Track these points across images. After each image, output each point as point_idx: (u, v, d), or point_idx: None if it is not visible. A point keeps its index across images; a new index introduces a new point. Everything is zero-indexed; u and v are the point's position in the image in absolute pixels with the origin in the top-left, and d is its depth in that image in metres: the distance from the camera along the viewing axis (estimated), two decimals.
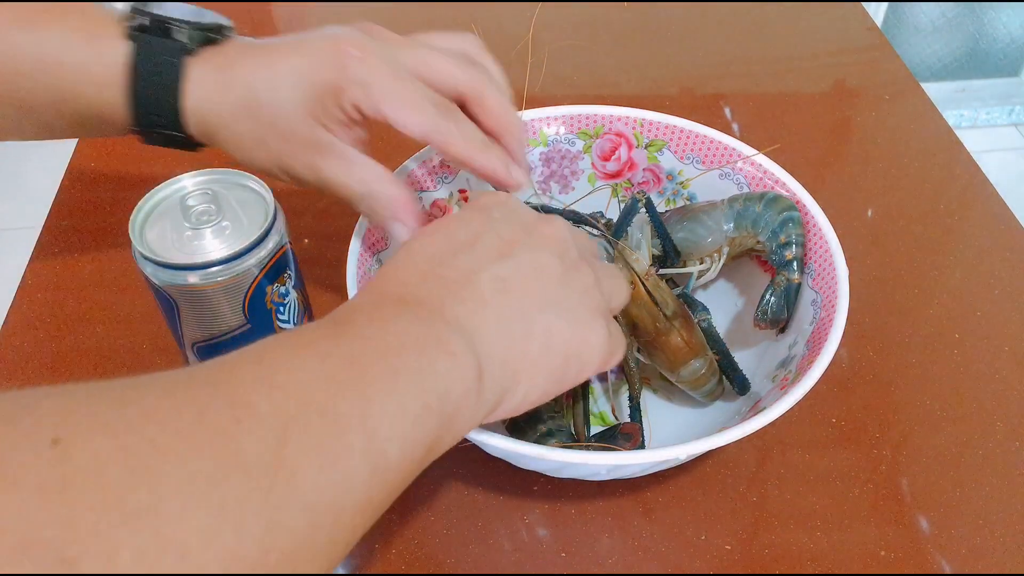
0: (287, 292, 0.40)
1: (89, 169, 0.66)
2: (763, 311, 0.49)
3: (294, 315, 0.40)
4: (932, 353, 0.55)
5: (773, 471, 0.49)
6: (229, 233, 0.37)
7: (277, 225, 0.38)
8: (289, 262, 0.40)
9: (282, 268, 0.39)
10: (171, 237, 0.37)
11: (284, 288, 0.39)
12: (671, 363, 0.48)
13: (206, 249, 0.37)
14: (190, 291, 0.37)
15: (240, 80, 0.39)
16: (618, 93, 0.76)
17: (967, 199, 0.66)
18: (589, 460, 0.40)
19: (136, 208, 0.38)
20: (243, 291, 0.37)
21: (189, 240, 0.37)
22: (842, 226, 0.49)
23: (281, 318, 0.40)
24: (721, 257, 0.52)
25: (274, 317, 0.39)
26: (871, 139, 0.71)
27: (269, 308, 0.39)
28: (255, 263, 0.37)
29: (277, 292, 0.39)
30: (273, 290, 0.39)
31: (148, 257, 0.36)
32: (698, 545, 0.46)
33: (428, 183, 0.53)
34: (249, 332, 0.39)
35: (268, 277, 0.38)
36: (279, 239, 0.38)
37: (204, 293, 0.37)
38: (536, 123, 0.55)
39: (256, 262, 0.37)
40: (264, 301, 0.38)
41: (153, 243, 0.37)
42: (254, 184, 0.39)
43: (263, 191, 0.39)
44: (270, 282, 0.38)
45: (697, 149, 0.54)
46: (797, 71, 0.79)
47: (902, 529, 0.46)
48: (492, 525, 0.46)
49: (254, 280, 0.38)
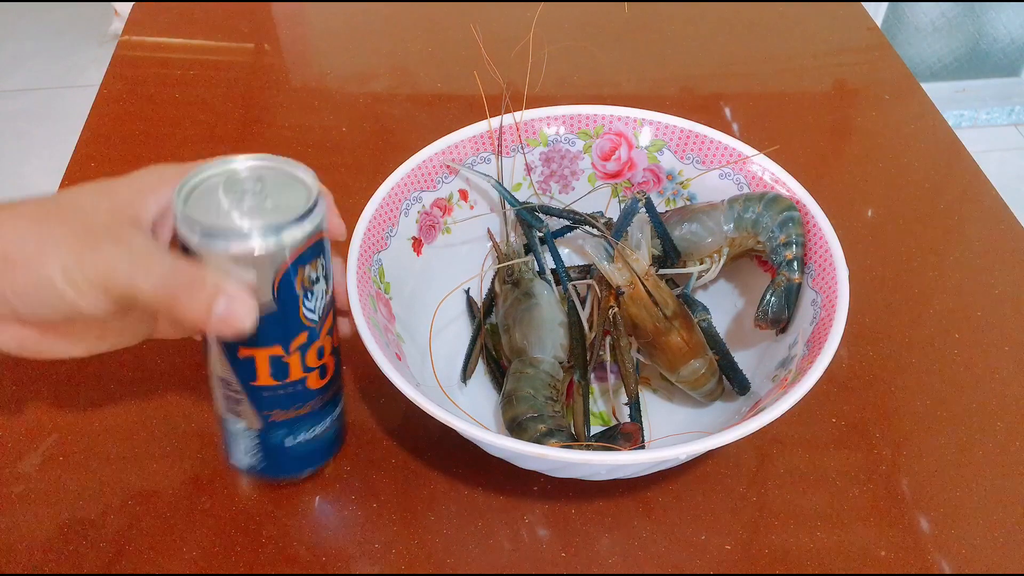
0: (318, 279, 0.40)
1: (89, 170, 0.66)
2: (763, 311, 0.49)
3: (320, 306, 0.40)
4: (932, 353, 0.55)
5: (773, 471, 0.49)
6: (271, 209, 0.37)
7: (318, 209, 0.38)
8: (324, 250, 0.40)
9: (317, 253, 0.39)
10: (214, 208, 0.37)
11: (316, 274, 0.39)
12: (671, 363, 0.48)
13: (246, 220, 0.37)
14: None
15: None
16: (618, 93, 0.76)
17: (967, 199, 0.66)
18: (590, 460, 0.40)
19: (184, 180, 0.38)
20: (275, 267, 0.37)
21: (230, 212, 0.37)
22: (842, 226, 0.49)
23: (308, 305, 0.39)
24: (721, 258, 0.52)
25: (301, 303, 0.39)
26: (871, 139, 0.71)
27: (297, 292, 0.39)
28: (291, 241, 0.37)
29: (308, 277, 0.39)
30: (304, 273, 0.39)
31: (190, 219, 0.36)
32: (698, 545, 0.46)
33: (428, 183, 0.53)
34: (274, 315, 0.38)
35: (302, 259, 0.38)
36: (318, 223, 0.38)
37: (238, 262, 0.37)
38: (536, 123, 0.55)
39: (292, 241, 0.37)
40: (294, 283, 0.38)
41: (195, 211, 0.37)
42: (302, 172, 0.39)
43: (309, 179, 0.39)
44: (303, 263, 0.38)
45: (697, 149, 0.54)
46: (797, 71, 0.79)
47: (902, 529, 0.46)
48: (492, 525, 0.46)
49: (288, 258, 0.38)
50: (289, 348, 0.40)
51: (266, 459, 0.44)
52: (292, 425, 0.43)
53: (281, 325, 0.39)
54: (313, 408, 0.43)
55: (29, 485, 0.47)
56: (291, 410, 0.42)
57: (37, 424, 0.50)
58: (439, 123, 0.71)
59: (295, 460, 0.45)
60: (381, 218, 0.50)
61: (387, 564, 0.45)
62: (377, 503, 0.47)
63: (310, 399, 0.43)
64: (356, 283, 0.45)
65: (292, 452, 0.44)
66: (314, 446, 0.45)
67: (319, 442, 0.45)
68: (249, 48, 0.80)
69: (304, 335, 0.40)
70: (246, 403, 0.42)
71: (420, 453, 0.49)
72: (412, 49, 0.80)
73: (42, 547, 0.45)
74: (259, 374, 0.40)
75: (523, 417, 0.45)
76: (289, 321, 0.39)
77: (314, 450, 0.45)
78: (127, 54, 0.79)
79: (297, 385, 0.41)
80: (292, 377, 0.41)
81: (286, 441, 0.43)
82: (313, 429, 0.44)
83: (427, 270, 0.53)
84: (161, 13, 0.84)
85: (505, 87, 0.55)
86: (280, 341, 0.40)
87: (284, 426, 0.43)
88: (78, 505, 0.46)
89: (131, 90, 0.75)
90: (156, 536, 0.45)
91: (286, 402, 0.42)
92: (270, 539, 0.45)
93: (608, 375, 0.52)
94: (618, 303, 0.48)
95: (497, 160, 0.54)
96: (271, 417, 0.42)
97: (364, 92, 0.74)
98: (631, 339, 0.49)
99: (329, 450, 0.46)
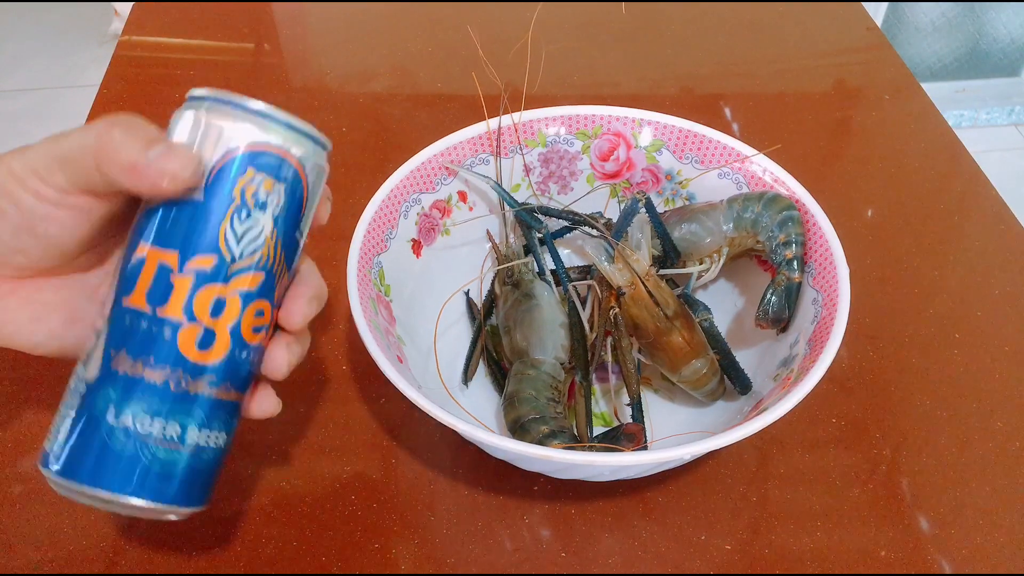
0: (263, 207, 0.34)
1: None
2: (764, 310, 0.49)
3: (249, 249, 0.34)
4: (932, 353, 0.55)
5: (773, 471, 0.49)
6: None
7: (291, 133, 0.34)
8: (290, 190, 0.34)
9: (275, 174, 0.34)
10: None
11: (263, 199, 0.34)
12: (672, 363, 0.48)
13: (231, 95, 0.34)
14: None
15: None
16: (618, 93, 0.76)
17: (967, 199, 0.66)
18: (594, 461, 0.40)
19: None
20: (225, 148, 0.33)
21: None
22: (842, 226, 0.49)
23: (235, 228, 0.33)
24: (721, 258, 0.52)
25: (228, 218, 0.33)
26: (871, 139, 0.71)
27: (233, 197, 0.33)
28: (251, 133, 0.33)
29: (254, 193, 0.33)
30: (252, 183, 0.33)
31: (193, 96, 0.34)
32: (698, 545, 0.46)
33: (427, 184, 0.53)
34: (192, 208, 0.33)
35: (257, 160, 0.33)
36: (286, 139, 0.34)
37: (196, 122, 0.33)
38: (535, 123, 0.55)
39: (252, 132, 0.33)
40: (234, 181, 0.33)
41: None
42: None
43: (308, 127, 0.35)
44: (256, 166, 0.33)
45: (696, 149, 0.54)
46: (797, 71, 0.79)
47: (902, 529, 0.46)
48: (492, 525, 0.46)
49: (240, 147, 0.33)
50: (185, 264, 0.33)
51: (75, 441, 0.33)
52: (129, 390, 0.33)
53: (191, 226, 0.33)
54: (173, 387, 0.33)
55: (29, 485, 0.47)
56: (138, 362, 0.33)
57: (37, 424, 0.50)
58: (439, 123, 0.71)
59: (105, 456, 0.33)
60: (380, 220, 0.50)
61: (387, 564, 0.45)
62: (377, 503, 0.47)
63: (170, 362, 0.33)
64: (357, 285, 0.45)
65: (108, 439, 0.33)
66: (143, 454, 0.33)
67: (155, 454, 0.33)
68: (249, 48, 0.80)
69: (209, 260, 0.33)
70: (103, 332, 0.34)
71: (420, 453, 0.49)
72: (412, 49, 0.80)
73: (42, 547, 0.45)
74: (138, 285, 0.33)
75: (525, 419, 0.45)
76: (201, 228, 0.33)
77: (138, 461, 0.33)
78: (127, 54, 0.79)
79: (165, 326, 0.33)
80: (168, 310, 0.33)
81: (108, 414, 0.33)
82: (156, 422, 0.33)
83: (427, 272, 0.53)
84: (161, 13, 0.84)
85: (504, 88, 0.55)
86: (179, 247, 0.33)
87: (119, 385, 0.33)
88: (78, 505, 0.46)
89: (131, 90, 0.75)
90: (156, 536, 0.45)
91: (140, 343, 0.33)
92: (270, 539, 0.45)
93: (609, 376, 0.52)
94: (619, 303, 0.48)
95: (496, 161, 0.54)
96: (114, 361, 0.33)
97: (364, 92, 0.74)
98: (632, 339, 0.49)
99: (163, 484, 0.33)
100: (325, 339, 0.55)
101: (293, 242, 0.36)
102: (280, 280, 0.36)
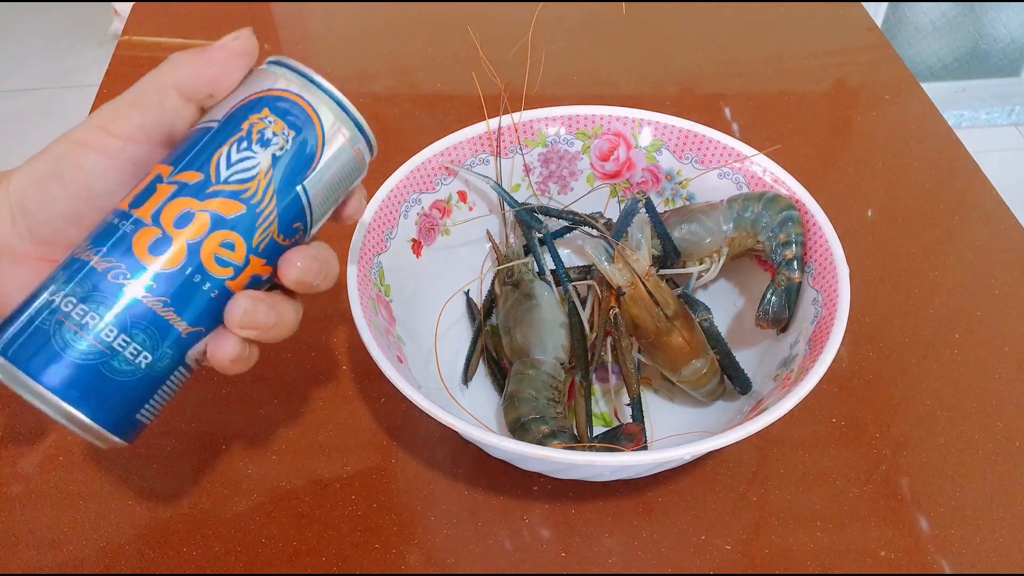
0: (267, 144, 0.35)
1: None
2: (764, 310, 0.49)
3: (245, 177, 0.34)
4: (932, 353, 0.55)
5: (773, 471, 0.49)
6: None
7: (312, 90, 0.36)
8: (302, 138, 0.35)
9: (288, 118, 0.35)
10: None
11: (271, 138, 0.35)
12: (672, 363, 0.48)
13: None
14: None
15: None
16: (618, 93, 0.76)
17: (967, 199, 0.66)
18: (594, 461, 0.40)
19: None
20: (253, 89, 0.35)
21: None
22: (842, 226, 0.49)
23: (234, 160, 0.34)
24: (721, 258, 0.52)
25: (229, 146, 0.34)
26: (871, 139, 0.71)
27: (241, 129, 0.35)
28: (278, 79, 0.35)
29: (262, 129, 0.35)
30: (262, 120, 0.35)
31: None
32: (698, 545, 0.46)
33: (427, 184, 0.53)
34: (205, 135, 0.35)
35: (275, 104, 0.35)
36: (304, 93, 0.35)
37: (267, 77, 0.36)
38: (535, 123, 0.55)
39: (280, 79, 0.35)
40: (247, 116, 0.35)
41: None
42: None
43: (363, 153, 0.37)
44: (273, 108, 0.35)
45: (696, 149, 0.54)
46: (797, 71, 0.79)
47: (902, 529, 0.46)
48: (492, 525, 0.46)
49: (264, 88, 0.35)
50: (174, 175, 0.34)
51: (13, 316, 0.34)
52: (74, 272, 0.33)
53: (195, 146, 0.35)
54: (111, 277, 0.33)
55: (29, 485, 0.47)
56: (93, 250, 0.33)
57: (37, 424, 0.50)
58: (439, 123, 0.71)
59: (27, 332, 0.33)
60: (380, 220, 0.50)
61: (387, 564, 0.45)
62: (377, 503, 0.47)
63: (117, 254, 0.33)
64: (357, 285, 0.45)
65: (34, 315, 0.33)
66: (56, 334, 0.33)
67: (65, 338, 0.33)
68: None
69: (195, 176, 0.34)
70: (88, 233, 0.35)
71: (420, 453, 0.49)
72: (412, 49, 0.80)
73: (42, 547, 0.45)
74: (132, 191, 0.35)
75: (526, 419, 0.45)
76: (201, 148, 0.35)
77: (48, 340, 0.33)
78: (127, 54, 0.79)
79: (129, 222, 0.34)
80: (141, 211, 0.34)
81: (46, 292, 0.33)
82: (79, 306, 0.33)
83: (427, 272, 0.53)
84: (161, 13, 0.84)
85: (503, 88, 0.55)
86: (176, 161, 0.35)
87: (70, 268, 0.34)
88: (78, 505, 0.46)
89: None
90: (156, 536, 0.45)
91: (103, 234, 0.34)
92: (270, 539, 0.45)
93: (609, 376, 0.52)
94: (619, 303, 0.48)
95: (496, 161, 0.54)
96: (77, 250, 0.34)
97: (364, 92, 0.74)
98: (632, 339, 0.49)
99: (67, 376, 0.33)
100: (325, 339, 0.55)
101: (294, 196, 0.35)
102: (266, 225, 0.35)
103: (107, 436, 0.34)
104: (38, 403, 0.33)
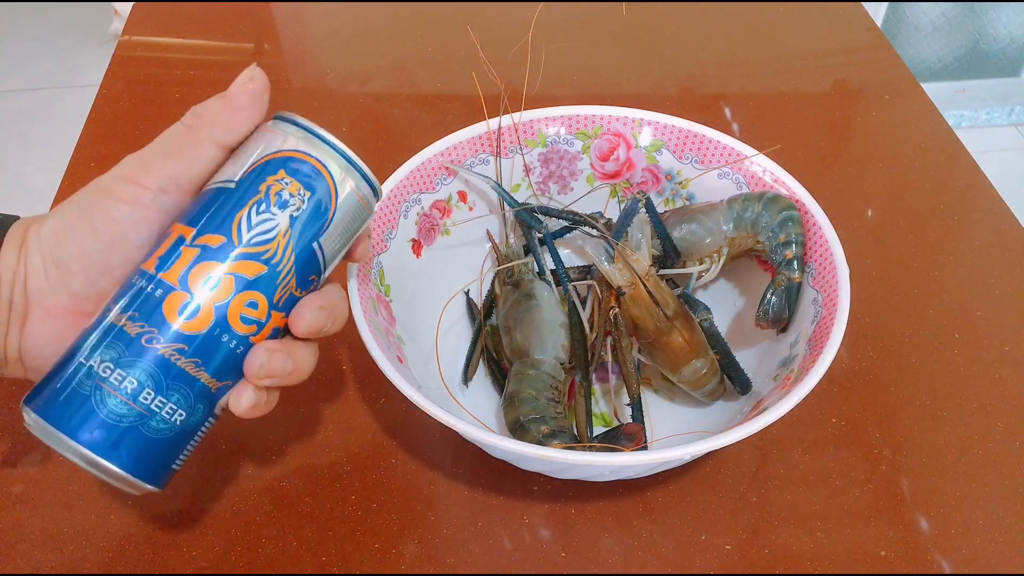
0: (285, 205, 0.35)
1: (89, 170, 0.66)
2: (764, 310, 0.49)
3: (264, 237, 0.35)
4: (932, 353, 0.55)
5: (773, 471, 0.49)
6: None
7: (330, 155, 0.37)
8: (317, 200, 0.36)
9: (304, 180, 0.36)
10: None
11: (287, 199, 0.35)
12: (672, 363, 0.48)
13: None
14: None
15: None
16: (618, 93, 0.76)
17: (967, 199, 0.66)
18: (594, 461, 0.40)
19: None
20: (270, 149, 0.36)
21: None
22: (842, 226, 0.49)
23: (254, 221, 0.35)
24: (721, 258, 0.52)
25: (249, 208, 0.35)
26: (871, 139, 0.71)
27: (258, 191, 0.35)
28: (290, 140, 0.36)
29: (279, 191, 0.36)
30: (279, 182, 0.36)
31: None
32: (698, 545, 0.46)
33: (427, 184, 0.53)
34: (223, 194, 0.36)
35: (289, 165, 0.36)
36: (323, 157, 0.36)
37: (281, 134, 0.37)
38: (535, 124, 0.55)
39: (291, 139, 0.36)
40: (264, 178, 0.35)
41: None
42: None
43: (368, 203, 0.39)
44: (288, 170, 0.36)
45: (696, 149, 0.54)
46: (797, 71, 0.79)
47: (902, 529, 0.46)
48: (492, 525, 0.46)
49: (282, 148, 0.36)
50: (197, 238, 0.35)
51: (50, 378, 0.35)
52: (106, 335, 0.35)
53: (214, 208, 0.36)
54: (144, 342, 0.34)
55: (29, 485, 0.47)
56: (124, 314, 0.34)
57: None
58: (439, 123, 0.71)
59: (65, 394, 0.35)
60: (380, 220, 0.50)
61: (387, 564, 0.45)
62: (377, 503, 0.47)
63: (149, 319, 0.34)
64: (357, 285, 0.45)
65: (73, 378, 0.35)
66: (95, 397, 0.34)
67: (105, 401, 0.34)
68: (249, 48, 0.80)
69: (218, 239, 0.35)
70: (113, 292, 0.36)
71: (420, 453, 0.49)
72: (412, 49, 0.80)
73: (42, 547, 0.45)
74: (156, 252, 0.36)
75: (525, 419, 0.45)
76: (221, 210, 0.35)
77: (89, 404, 0.34)
78: (127, 54, 0.79)
79: (159, 287, 0.35)
80: (168, 274, 0.35)
81: (80, 354, 0.35)
82: (116, 371, 0.34)
83: (427, 272, 0.53)
84: (161, 13, 0.84)
85: (504, 88, 0.55)
86: (197, 223, 0.35)
87: (102, 330, 0.35)
88: (78, 505, 0.46)
89: (131, 90, 0.75)
90: (156, 536, 0.45)
91: (132, 297, 0.35)
92: (270, 539, 0.45)
93: (609, 376, 0.52)
94: (619, 303, 0.48)
95: (496, 161, 0.54)
96: (108, 312, 0.35)
97: (364, 92, 0.74)
98: (632, 339, 0.49)
99: (108, 437, 0.34)
100: (325, 339, 0.55)
101: (310, 252, 0.37)
102: (285, 282, 0.37)
103: (143, 486, 0.36)
104: (79, 461, 0.35)
